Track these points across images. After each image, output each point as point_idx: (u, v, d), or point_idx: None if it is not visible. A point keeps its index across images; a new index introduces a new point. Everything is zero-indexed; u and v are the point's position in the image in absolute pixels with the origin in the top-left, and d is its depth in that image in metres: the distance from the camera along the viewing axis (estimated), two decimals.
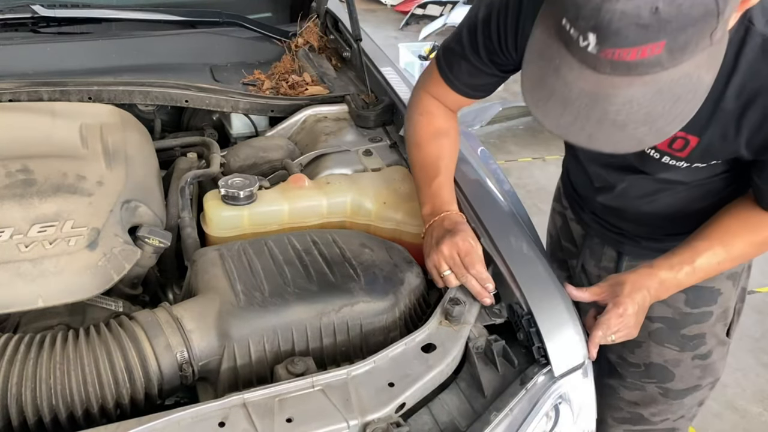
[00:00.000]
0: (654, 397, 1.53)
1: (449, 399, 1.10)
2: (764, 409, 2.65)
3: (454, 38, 1.29)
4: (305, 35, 2.05)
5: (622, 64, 0.82)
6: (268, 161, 1.57)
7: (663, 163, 1.18)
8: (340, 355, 1.12)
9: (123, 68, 1.77)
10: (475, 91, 1.32)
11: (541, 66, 0.91)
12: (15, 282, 1.05)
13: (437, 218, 1.24)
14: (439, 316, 1.14)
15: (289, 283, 1.13)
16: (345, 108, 1.77)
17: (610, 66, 0.83)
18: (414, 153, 1.37)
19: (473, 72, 1.28)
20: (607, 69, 0.83)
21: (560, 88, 0.88)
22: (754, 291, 3.20)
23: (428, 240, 1.23)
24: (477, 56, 1.25)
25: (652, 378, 1.51)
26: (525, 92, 0.93)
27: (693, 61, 0.83)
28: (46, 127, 1.37)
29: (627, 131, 0.87)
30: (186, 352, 1.03)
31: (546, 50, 0.90)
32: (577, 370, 1.13)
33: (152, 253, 1.22)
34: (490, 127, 4.94)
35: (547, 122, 0.91)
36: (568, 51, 0.86)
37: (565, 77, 0.87)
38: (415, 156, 1.36)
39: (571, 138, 0.91)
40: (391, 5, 8.06)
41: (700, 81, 0.85)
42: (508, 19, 1.17)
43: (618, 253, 1.48)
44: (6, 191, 1.14)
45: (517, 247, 1.23)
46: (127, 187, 1.25)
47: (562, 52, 0.87)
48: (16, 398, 0.94)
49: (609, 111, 0.86)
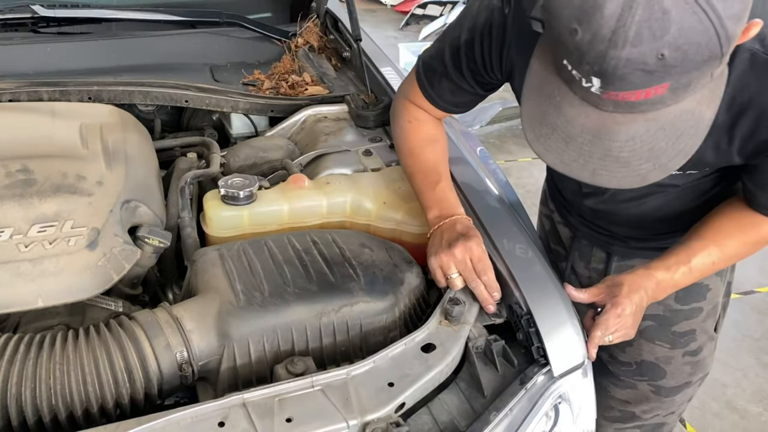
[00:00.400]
0: (646, 395, 1.54)
1: (449, 399, 1.10)
2: (764, 409, 2.65)
3: (435, 56, 1.28)
4: (305, 35, 2.05)
5: (625, 104, 0.82)
6: (268, 161, 1.57)
7: None
8: (340, 355, 1.12)
9: (123, 68, 1.77)
10: (457, 107, 1.33)
11: (540, 102, 0.91)
12: (15, 282, 1.05)
13: (448, 221, 1.24)
14: (439, 316, 1.14)
15: (288, 283, 1.13)
16: (345, 108, 1.77)
17: (613, 105, 0.83)
18: (409, 160, 1.36)
19: (455, 90, 1.28)
20: (610, 107, 0.84)
21: (562, 125, 0.88)
22: (754, 291, 3.20)
23: (436, 241, 1.22)
24: (460, 75, 1.25)
25: (643, 376, 1.52)
26: (525, 128, 0.93)
27: (694, 98, 0.83)
28: (46, 127, 1.37)
29: (631, 167, 0.87)
30: (186, 352, 1.03)
31: (546, 86, 0.90)
32: (576, 369, 1.13)
33: (152, 253, 1.22)
34: (490, 127, 4.94)
35: (549, 158, 0.92)
36: (570, 89, 0.86)
37: (567, 114, 0.87)
38: (411, 163, 1.36)
39: (575, 174, 0.91)
40: (391, 5, 8.06)
41: (702, 116, 0.86)
42: (492, 44, 1.17)
43: (607, 254, 1.49)
44: (6, 191, 1.14)
45: (516, 246, 1.23)
46: (127, 187, 1.25)
47: (563, 90, 0.87)
48: (16, 398, 0.94)
49: (612, 147, 0.86)
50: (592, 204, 1.40)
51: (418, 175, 1.34)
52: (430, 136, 1.37)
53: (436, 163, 1.33)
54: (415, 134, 1.37)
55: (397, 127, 1.41)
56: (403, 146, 1.39)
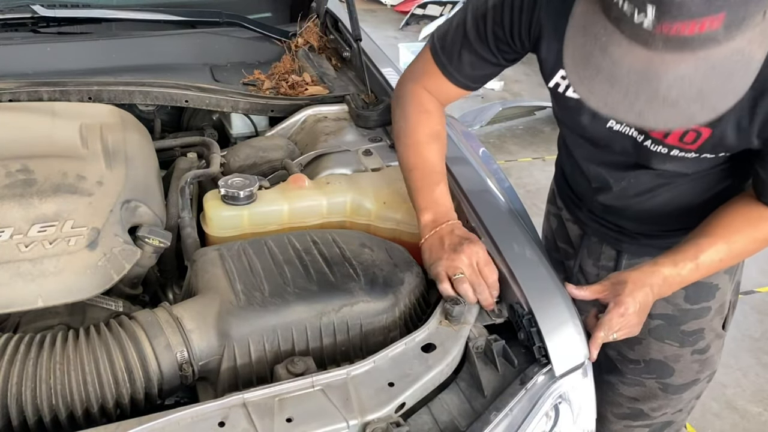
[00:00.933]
0: (654, 392, 1.53)
1: (449, 399, 1.10)
2: (764, 409, 2.65)
3: (455, 28, 1.26)
4: (305, 35, 2.05)
5: (676, 40, 0.80)
6: (268, 161, 1.57)
7: (671, 156, 1.18)
8: (340, 354, 1.12)
9: (123, 68, 1.77)
10: (474, 82, 1.31)
11: (585, 43, 0.89)
12: (15, 282, 1.05)
13: (444, 226, 1.23)
14: (439, 315, 1.14)
15: (289, 283, 1.13)
16: (345, 108, 1.77)
17: (663, 42, 0.81)
18: (411, 154, 1.33)
19: (476, 63, 1.26)
20: (660, 45, 0.82)
21: (607, 66, 0.87)
22: (754, 291, 3.20)
23: (436, 246, 1.21)
24: (483, 44, 1.22)
25: (651, 374, 1.51)
26: (568, 70, 0.91)
27: (746, 37, 0.82)
28: (46, 127, 1.37)
29: (678, 108, 0.85)
30: (186, 352, 1.03)
31: (591, 27, 0.88)
32: (577, 369, 1.13)
33: (152, 253, 1.22)
34: (490, 127, 4.94)
35: (593, 101, 0.90)
36: (617, 27, 0.85)
37: (613, 54, 0.86)
38: (413, 158, 1.33)
39: (620, 115, 0.89)
40: (391, 5, 8.06)
41: (752, 57, 0.84)
42: (523, 7, 1.15)
43: (617, 251, 1.48)
44: (6, 191, 1.14)
45: (518, 246, 1.23)
46: (127, 187, 1.25)
47: (609, 29, 0.86)
48: (16, 398, 0.94)
49: (660, 89, 0.85)
50: (603, 199, 1.39)
51: (417, 172, 1.31)
52: (436, 132, 1.34)
53: (438, 163, 1.32)
54: (423, 127, 1.34)
55: (402, 117, 1.36)
56: (407, 138, 1.35)
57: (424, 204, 1.28)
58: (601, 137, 1.24)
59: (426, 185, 1.29)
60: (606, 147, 1.25)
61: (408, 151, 1.34)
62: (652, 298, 1.16)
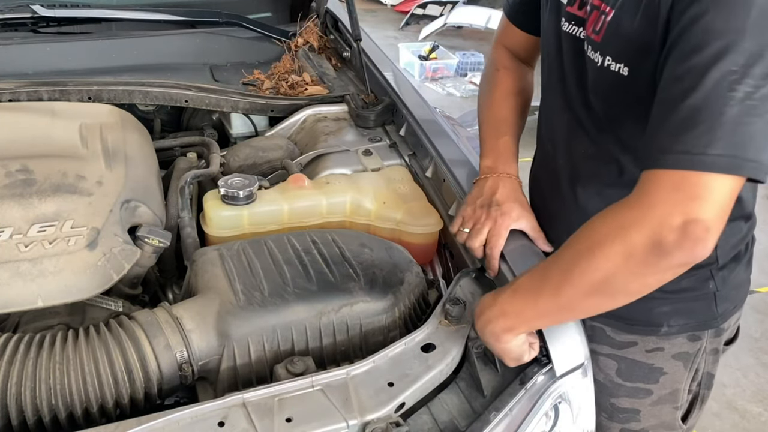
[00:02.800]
0: None
1: (449, 399, 1.10)
2: (764, 409, 2.65)
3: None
4: (305, 35, 2.05)
5: None
6: (267, 161, 1.57)
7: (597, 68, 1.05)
8: (340, 354, 1.12)
9: (123, 68, 1.77)
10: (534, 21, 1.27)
11: None
12: (14, 282, 1.05)
13: (496, 175, 1.23)
14: (439, 315, 1.14)
15: (288, 283, 1.13)
16: (345, 108, 1.77)
17: None
18: (485, 111, 1.35)
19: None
20: None
21: None
22: (754, 291, 3.21)
23: (476, 192, 1.23)
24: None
25: None
26: None
27: None
28: (46, 127, 1.37)
29: None
30: (185, 352, 1.03)
31: None
32: (577, 369, 1.12)
33: (152, 252, 1.22)
34: None
35: None
36: None
37: None
38: (486, 113, 1.34)
39: None
40: (391, 5, 8.06)
41: None
42: None
43: None
44: (6, 191, 1.14)
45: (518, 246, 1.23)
46: (127, 186, 1.25)
47: None
48: (16, 398, 0.94)
49: None
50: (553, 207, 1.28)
51: (485, 125, 1.32)
52: (514, 89, 1.34)
53: (509, 117, 1.31)
54: (499, 85, 1.35)
55: (484, 79, 1.38)
56: (483, 99, 1.36)
57: (486, 151, 1.29)
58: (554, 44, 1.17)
59: (492, 135, 1.30)
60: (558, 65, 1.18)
61: (482, 111, 1.36)
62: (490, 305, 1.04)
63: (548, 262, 0.98)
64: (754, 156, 0.82)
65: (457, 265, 1.38)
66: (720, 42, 0.82)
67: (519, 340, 1.03)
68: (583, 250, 0.90)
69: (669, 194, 0.83)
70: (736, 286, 1.21)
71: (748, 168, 0.82)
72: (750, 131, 0.82)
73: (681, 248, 0.82)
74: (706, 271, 1.15)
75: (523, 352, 1.04)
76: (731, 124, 0.81)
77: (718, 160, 0.81)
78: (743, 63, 0.82)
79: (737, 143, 0.81)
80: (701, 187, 0.81)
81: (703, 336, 1.21)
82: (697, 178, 0.82)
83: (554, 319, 1.04)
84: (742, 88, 0.81)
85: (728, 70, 0.82)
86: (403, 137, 1.65)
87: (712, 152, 0.81)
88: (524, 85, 1.36)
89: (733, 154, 0.81)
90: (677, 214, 0.81)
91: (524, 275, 1.01)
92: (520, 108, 1.34)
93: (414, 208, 1.40)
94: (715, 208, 0.82)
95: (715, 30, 0.83)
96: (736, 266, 1.19)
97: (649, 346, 1.21)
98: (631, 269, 0.86)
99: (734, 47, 0.82)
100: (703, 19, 0.84)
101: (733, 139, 0.81)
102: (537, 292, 0.97)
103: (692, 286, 1.16)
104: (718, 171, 0.81)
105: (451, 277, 1.35)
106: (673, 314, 1.18)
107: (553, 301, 0.95)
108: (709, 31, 0.83)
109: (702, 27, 0.84)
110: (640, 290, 0.89)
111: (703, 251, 0.82)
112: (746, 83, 0.81)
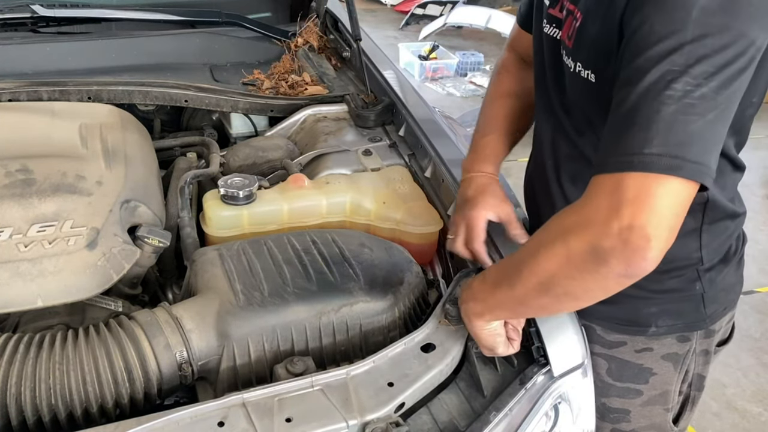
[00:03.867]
0: None
1: (449, 399, 1.09)
2: (764, 409, 2.65)
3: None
4: (305, 35, 2.05)
5: None
6: (267, 161, 1.57)
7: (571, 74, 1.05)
8: (340, 354, 1.12)
9: (123, 68, 1.77)
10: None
11: None
12: (14, 282, 1.05)
13: (468, 176, 1.26)
14: (439, 315, 1.14)
15: (288, 283, 1.13)
16: (345, 108, 1.77)
17: None
18: (482, 108, 1.38)
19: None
20: None
21: None
22: (754, 291, 3.20)
23: (458, 197, 1.26)
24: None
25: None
26: None
27: None
28: (46, 126, 1.37)
29: None
30: (185, 352, 1.03)
31: None
32: (576, 370, 1.12)
33: (151, 252, 1.22)
34: None
35: None
36: None
37: None
38: (481, 111, 1.37)
39: None
40: (391, 5, 8.06)
41: None
42: None
43: None
44: (5, 191, 1.14)
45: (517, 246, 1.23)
46: (127, 186, 1.25)
47: None
48: (16, 398, 0.94)
49: None
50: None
51: (477, 125, 1.34)
52: (509, 90, 1.35)
53: (498, 116, 1.32)
54: (497, 86, 1.37)
55: (490, 79, 1.41)
56: (485, 97, 1.39)
57: (469, 150, 1.31)
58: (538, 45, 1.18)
59: (477, 135, 1.32)
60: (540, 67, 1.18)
61: (480, 112, 1.38)
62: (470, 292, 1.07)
63: (510, 256, 1.00)
64: (695, 157, 0.78)
65: (457, 265, 1.38)
66: (662, 44, 0.81)
67: (491, 328, 1.04)
68: (532, 249, 0.92)
69: (606, 198, 0.80)
70: (726, 288, 1.21)
71: (690, 169, 0.78)
72: (689, 130, 0.79)
73: (618, 257, 0.79)
74: (692, 272, 1.14)
75: (497, 343, 1.05)
76: (667, 122, 0.79)
77: (655, 159, 0.78)
78: (683, 62, 0.80)
79: (675, 142, 0.78)
80: (639, 190, 0.78)
81: (693, 337, 1.21)
82: (633, 180, 0.79)
83: (514, 311, 1.04)
84: (680, 87, 0.79)
85: (667, 70, 0.80)
86: (402, 137, 1.65)
87: (647, 151, 0.78)
88: (524, 87, 1.35)
89: (671, 153, 0.78)
90: (614, 219, 0.78)
91: (494, 266, 1.06)
92: (516, 109, 1.34)
93: (414, 208, 1.40)
94: (656, 214, 0.77)
95: (658, 32, 0.82)
96: (725, 267, 1.18)
97: (638, 347, 1.21)
98: (570, 273, 0.85)
99: (675, 48, 0.80)
100: (648, 23, 0.83)
101: (670, 138, 0.78)
102: (497, 284, 1.00)
103: (679, 287, 1.15)
104: (656, 171, 0.78)
105: (451, 277, 1.35)
106: (661, 315, 1.18)
107: (509, 294, 0.97)
108: (652, 33, 0.82)
109: (646, 30, 0.83)
110: (585, 296, 0.88)
111: (644, 262, 0.78)
112: (684, 81, 0.79)
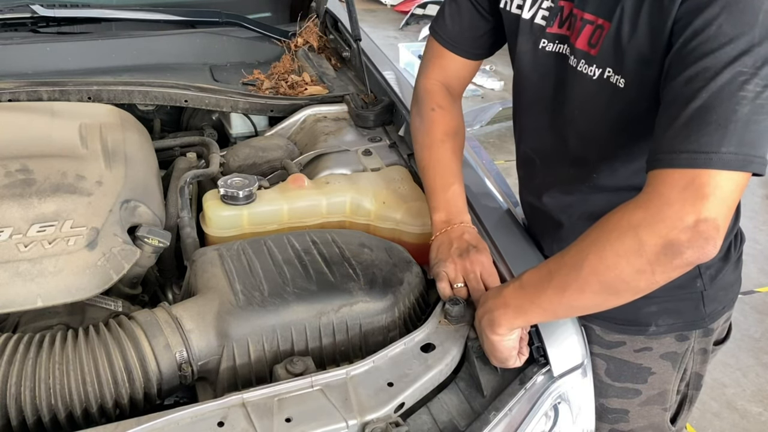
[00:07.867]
0: None
1: (448, 399, 1.10)
2: (764, 409, 2.66)
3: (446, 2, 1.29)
4: (305, 35, 2.05)
5: None
6: (267, 161, 1.57)
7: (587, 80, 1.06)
8: (340, 354, 1.12)
9: (123, 68, 1.77)
10: (476, 48, 1.30)
11: None
12: (14, 282, 1.05)
13: (455, 227, 1.23)
14: (439, 315, 1.14)
15: (288, 283, 1.13)
16: (344, 108, 1.77)
17: None
18: (426, 153, 1.32)
19: (474, 20, 1.26)
20: None
21: None
22: (754, 291, 3.20)
23: (444, 247, 1.21)
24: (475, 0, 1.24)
25: None
26: None
27: None
28: (46, 126, 1.37)
29: None
30: (185, 352, 1.03)
31: None
32: (576, 369, 1.13)
33: (151, 252, 1.22)
34: (490, 127, 4.94)
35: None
36: None
37: None
38: (429, 157, 1.32)
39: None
40: (391, 5, 8.06)
41: None
42: None
43: None
44: (5, 191, 1.14)
45: (517, 247, 1.23)
46: (127, 186, 1.25)
47: None
48: (15, 398, 0.94)
49: None
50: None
51: (431, 172, 1.31)
52: (451, 129, 1.34)
53: (452, 163, 1.31)
54: (437, 125, 1.33)
55: (418, 116, 1.36)
56: (422, 138, 1.34)
57: (437, 204, 1.28)
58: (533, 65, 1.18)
59: (440, 185, 1.29)
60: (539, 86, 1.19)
61: (423, 151, 1.34)
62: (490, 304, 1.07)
63: (555, 259, 0.98)
64: (760, 153, 0.85)
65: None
66: (732, 45, 0.85)
67: (511, 338, 1.04)
68: (593, 249, 0.91)
69: (681, 193, 0.84)
70: (725, 287, 1.22)
71: (756, 164, 0.85)
72: (759, 129, 0.85)
73: (693, 247, 0.83)
74: (694, 269, 1.15)
75: (511, 356, 1.06)
76: (743, 122, 0.84)
77: (732, 158, 0.83)
78: (752, 64, 0.85)
79: (749, 141, 0.84)
80: (712, 185, 0.83)
81: (691, 336, 1.22)
82: (708, 176, 0.83)
83: (553, 315, 1.05)
84: (752, 88, 0.84)
85: (739, 71, 0.85)
86: (402, 137, 1.65)
87: (725, 150, 0.83)
88: (459, 123, 1.36)
89: (744, 152, 0.84)
90: (690, 213, 0.83)
91: (530, 271, 1.02)
92: (459, 150, 1.34)
93: (414, 208, 1.40)
94: (724, 206, 0.84)
95: (728, 34, 0.86)
96: (724, 266, 1.20)
97: (638, 346, 1.22)
98: (641, 268, 0.87)
99: (745, 50, 0.85)
100: (715, 24, 0.87)
101: (745, 137, 0.84)
102: (542, 288, 0.98)
103: (680, 285, 1.15)
104: (730, 168, 0.83)
105: None
106: (661, 314, 1.19)
107: (557, 297, 0.97)
108: (722, 34, 0.86)
109: (713, 32, 0.87)
110: (647, 288, 0.91)
111: (713, 249, 0.84)
112: (756, 83, 0.84)
